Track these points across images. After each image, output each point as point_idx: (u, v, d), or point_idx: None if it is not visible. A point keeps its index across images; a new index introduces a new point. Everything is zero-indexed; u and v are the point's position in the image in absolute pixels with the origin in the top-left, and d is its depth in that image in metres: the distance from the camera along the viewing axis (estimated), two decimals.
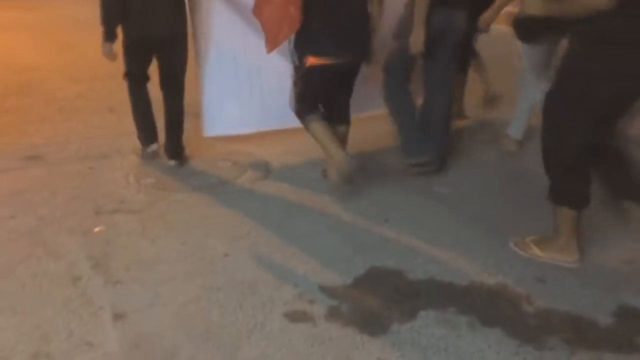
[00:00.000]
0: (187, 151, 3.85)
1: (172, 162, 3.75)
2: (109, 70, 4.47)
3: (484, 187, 3.52)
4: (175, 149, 3.76)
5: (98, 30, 3.45)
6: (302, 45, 3.12)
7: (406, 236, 2.91)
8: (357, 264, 2.68)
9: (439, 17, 3.28)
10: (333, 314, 2.31)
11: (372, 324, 2.26)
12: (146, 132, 3.80)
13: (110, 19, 3.42)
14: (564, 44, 2.80)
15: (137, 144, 3.91)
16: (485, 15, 3.78)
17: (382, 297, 2.44)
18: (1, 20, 9.65)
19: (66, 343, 2.11)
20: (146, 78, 3.68)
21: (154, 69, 3.66)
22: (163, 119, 3.74)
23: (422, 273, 2.61)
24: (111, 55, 3.48)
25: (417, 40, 3.28)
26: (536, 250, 2.70)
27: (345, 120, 3.44)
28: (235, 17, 3.61)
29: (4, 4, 10.56)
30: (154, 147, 3.81)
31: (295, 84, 3.24)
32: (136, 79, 3.65)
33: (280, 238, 2.89)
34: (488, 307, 2.38)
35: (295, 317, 2.29)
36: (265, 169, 3.74)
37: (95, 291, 2.42)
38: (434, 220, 3.09)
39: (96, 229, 2.94)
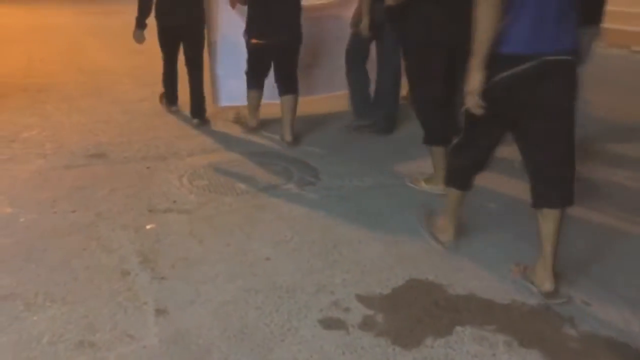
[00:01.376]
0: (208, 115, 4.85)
1: (195, 121, 4.80)
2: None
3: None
4: (198, 111, 4.80)
5: None
6: (247, 30, 4.20)
7: (450, 250, 2.87)
8: (397, 274, 2.67)
9: (381, 8, 3.74)
10: (367, 324, 2.32)
11: (406, 336, 2.25)
12: (170, 96, 5.09)
13: (143, 12, 4.61)
14: None
15: (193, 146, 4.24)
16: None
17: (419, 310, 2.41)
18: (82, 25, 10.27)
19: (110, 334, 2.22)
20: (175, 56, 4.81)
21: None
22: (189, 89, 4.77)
23: (463, 288, 2.56)
24: (141, 40, 4.72)
25: (364, 27, 4.20)
26: (424, 224, 3.06)
27: (291, 91, 4.33)
28: (235, 13, 4.51)
29: (87, 10, 11.23)
30: (174, 108, 5.12)
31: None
32: (168, 57, 4.83)
33: (322, 245, 2.92)
34: (528, 327, 2.31)
35: (330, 324, 2.31)
36: (313, 176, 3.79)
37: (142, 286, 2.53)
38: (480, 235, 3.03)
39: (148, 227, 3.07)
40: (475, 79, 2.31)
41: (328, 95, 5.20)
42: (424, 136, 3.47)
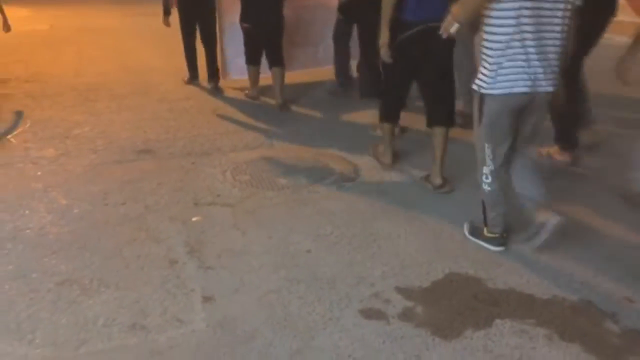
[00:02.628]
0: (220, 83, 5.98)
1: (210, 85, 6.00)
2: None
3: (579, 199, 3.39)
4: (213, 77, 6.00)
5: None
6: (241, 17, 5.15)
7: (489, 246, 2.88)
8: (436, 268, 2.71)
9: None
10: (407, 314, 2.36)
11: (445, 327, 2.28)
12: (193, 69, 6.22)
13: (167, 2, 6.06)
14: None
15: (236, 142, 4.38)
16: None
17: (458, 303, 2.45)
18: (128, 26, 10.58)
19: (160, 318, 2.33)
20: (194, 35, 5.99)
21: None
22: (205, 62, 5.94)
23: (503, 283, 2.58)
24: (167, 24, 6.12)
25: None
26: (371, 152, 3.95)
27: (277, 64, 5.29)
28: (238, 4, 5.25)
29: (132, 12, 11.55)
30: (196, 81, 6.22)
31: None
32: (188, 36, 6.00)
33: (362, 238, 2.97)
34: (569, 322, 2.31)
35: (370, 314, 2.37)
36: (353, 172, 3.84)
37: (189, 274, 2.65)
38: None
39: (194, 219, 3.19)
40: (384, 36, 3.39)
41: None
42: (380, 112, 3.87)
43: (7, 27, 5.68)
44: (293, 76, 5.82)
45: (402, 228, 3.09)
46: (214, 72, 6.01)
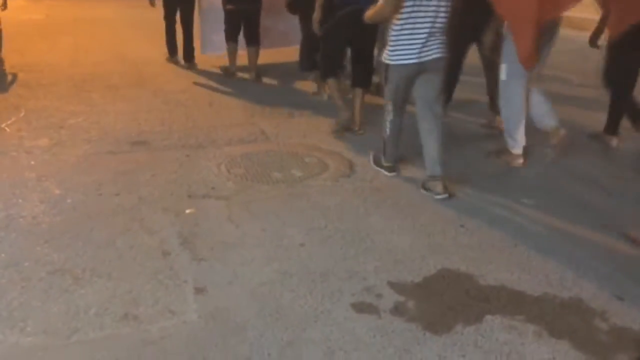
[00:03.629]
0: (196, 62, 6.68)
1: (185, 64, 6.74)
2: (212, 67, 5.20)
3: (567, 199, 3.41)
4: (188, 57, 6.71)
5: None
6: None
7: (481, 242, 2.91)
8: (428, 264, 2.72)
9: None
10: (399, 309, 2.38)
11: (436, 322, 2.30)
12: (172, 47, 6.83)
13: None
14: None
15: (231, 135, 4.37)
16: None
17: (449, 298, 2.46)
18: (124, 17, 10.54)
19: (152, 309, 2.33)
20: (174, 19, 6.58)
21: None
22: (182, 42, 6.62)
23: (494, 280, 2.60)
24: (153, 4, 6.88)
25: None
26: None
27: (254, 43, 6.10)
28: None
29: (129, 4, 11.49)
30: (175, 58, 6.88)
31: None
32: (169, 19, 6.59)
33: (355, 233, 2.98)
34: (558, 319, 2.33)
35: (362, 308, 2.38)
36: (349, 167, 3.85)
37: (182, 266, 2.65)
38: (512, 228, 3.05)
39: (187, 211, 3.19)
40: (317, 14, 4.63)
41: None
42: (321, 72, 4.77)
43: (4, 6, 6.11)
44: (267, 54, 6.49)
45: (395, 224, 3.11)
46: (190, 53, 6.73)
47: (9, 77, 6.17)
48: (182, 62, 6.81)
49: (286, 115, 4.99)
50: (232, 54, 6.27)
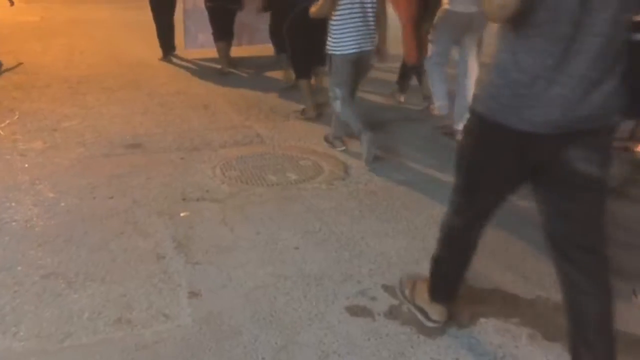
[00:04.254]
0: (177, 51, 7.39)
1: (166, 57, 7.25)
2: (206, 70, 5.25)
3: None
4: (170, 50, 7.34)
5: None
6: None
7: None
8: (423, 267, 2.70)
9: None
10: (393, 312, 2.38)
11: (430, 326, 2.30)
12: (165, 43, 7.25)
13: None
14: None
15: (226, 138, 4.36)
16: None
17: None
18: (119, 19, 10.52)
19: (146, 313, 2.33)
20: (164, 18, 7.07)
21: None
22: None
23: (488, 283, 2.60)
24: None
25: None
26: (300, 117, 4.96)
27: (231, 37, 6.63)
28: None
29: (124, 5, 11.49)
30: (169, 57, 7.28)
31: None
32: (159, 19, 7.09)
33: (350, 236, 2.98)
34: (552, 321, 2.33)
35: (356, 311, 2.38)
36: (343, 170, 3.85)
37: (176, 269, 2.64)
38: (508, 229, 3.05)
39: (182, 214, 3.18)
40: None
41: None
42: (295, 73, 5.09)
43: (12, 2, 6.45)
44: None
45: (390, 227, 3.11)
46: (171, 47, 7.41)
47: (3, 80, 6.15)
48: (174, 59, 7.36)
49: (282, 118, 4.99)
50: (224, 53, 6.55)
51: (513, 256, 2.81)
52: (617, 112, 1.74)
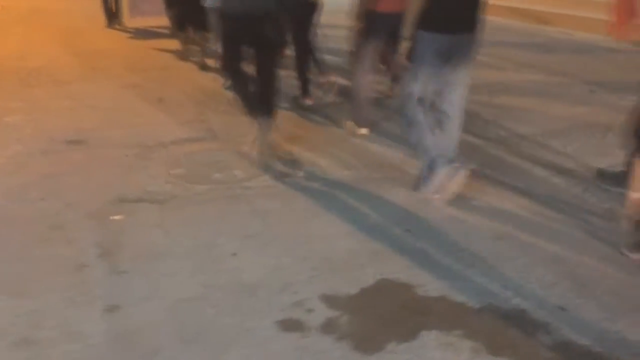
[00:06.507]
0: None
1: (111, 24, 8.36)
2: (165, 62, 4.96)
3: (516, 205, 3.26)
4: (116, 19, 8.49)
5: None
6: None
7: (425, 249, 2.74)
8: (367, 273, 2.54)
9: None
10: (329, 326, 2.20)
11: (367, 340, 2.13)
12: (109, 15, 8.44)
13: None
14: None
15: (178, 134, 4.18)
16: None
17: (385, 312, 2.29)
18: (80, 9, 10.16)
19: (56, 331, 2.12)
20: None
21: None
22: None
23: (434, 290, 2.43)
24: None
25: None
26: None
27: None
28: None
29: None
30: (116, 21, 8.51)
31: None
32: None
33: (293, 240, 2.80)
34: (499, 333, 2.18)
35: (289, 325, 2.20)
36: (292, 168, 3.63)
37: (97, 280, 2.43)
38: (460, 233, 2.89)
39: (115, 217, 2.97)
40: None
41: None
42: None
43: None
44: None
45: (338, 229, 2.92)
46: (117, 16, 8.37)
47: None
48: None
49: (240, 113, 4.76)
50: (184, 40, 6.60)
51: (463, 260, 2.64)
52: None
